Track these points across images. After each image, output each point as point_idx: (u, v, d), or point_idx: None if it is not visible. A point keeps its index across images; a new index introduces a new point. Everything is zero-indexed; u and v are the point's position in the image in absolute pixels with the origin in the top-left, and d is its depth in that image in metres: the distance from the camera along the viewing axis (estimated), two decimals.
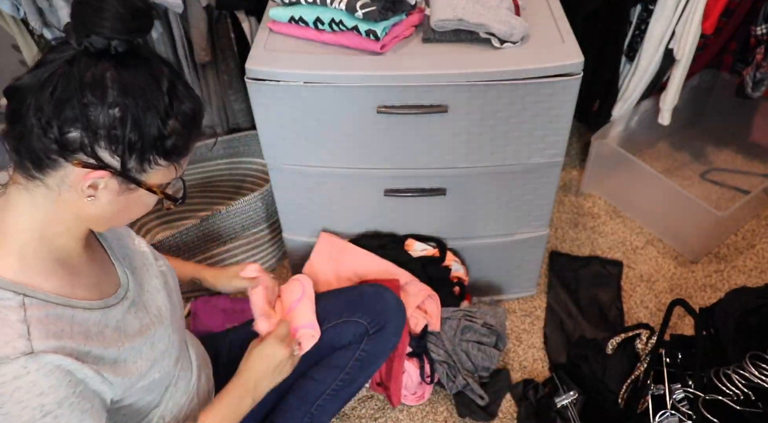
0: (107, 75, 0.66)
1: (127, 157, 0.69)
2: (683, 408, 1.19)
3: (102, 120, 0.66)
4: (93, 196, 0.71)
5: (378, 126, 1.24)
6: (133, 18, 0.66)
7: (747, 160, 2.05)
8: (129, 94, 0.67)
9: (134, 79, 0.67)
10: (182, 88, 0.72)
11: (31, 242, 0.71)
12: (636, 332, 1.37)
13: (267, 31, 1.27)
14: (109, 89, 0.66)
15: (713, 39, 1.69)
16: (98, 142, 0.67)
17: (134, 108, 0.67)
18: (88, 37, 0.65)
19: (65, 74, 0.65)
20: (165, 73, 0.70)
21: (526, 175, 1.35)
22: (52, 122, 0.65)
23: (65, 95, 0.65)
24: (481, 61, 1.16)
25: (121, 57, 0.67)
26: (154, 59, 0.71)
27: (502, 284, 1.64)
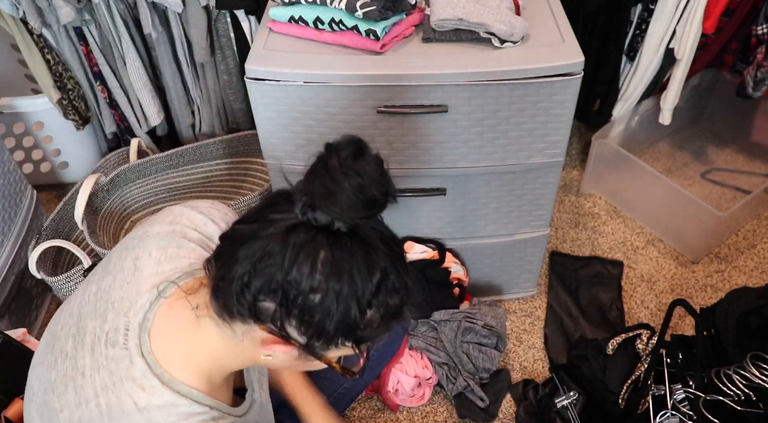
0: (320, 255, 0.61)
1: (314, 340, 0.66)
2: (684, 408, 1.18)
3: (300, 301, 0.62)
4: (270, 356, 0.70)
5: (378, 126, 1.23)
6: (366, 207, 0.61)
7: (748, 160, 2.05)
8: (336, 280, 0.62)
9: (347, 264, 0.62)
10: (395, 278, 0.66)
11: (213, 363, 0.72)
12: (636, 332, 1.37)
13: (267, 30, 1.27)
14: (317, 273, 0.61)
15: (714, 39, 1.68)
16: (290, 320, 0.64)
17: (335, 296, 0.62)
18: (313, 210, 0.61)
19: (281, 242, 0.62)
20: (381, 260, 0.64)
21: (527, 175, 1.34)
22: (251, 286, 0.63)
23: (272, 264, 0.62)
24: (481, 60, 1.16)
25: (341, 236, 0.63)
26: (374, 241, 0.65)
27: (502, 284, 1.64)
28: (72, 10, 1.54)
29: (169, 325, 0.72)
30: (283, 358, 0.71)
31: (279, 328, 0.65)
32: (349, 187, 0.60)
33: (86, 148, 1.96)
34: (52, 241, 1.50)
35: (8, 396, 1.07)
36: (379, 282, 0.64)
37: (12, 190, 1.54)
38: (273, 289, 0.62)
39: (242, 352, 0.72)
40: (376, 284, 0.64)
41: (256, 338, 0.68)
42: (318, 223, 0.62)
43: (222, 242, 0.68)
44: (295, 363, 0.72)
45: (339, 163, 0.61)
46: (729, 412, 1.14)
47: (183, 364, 0.71)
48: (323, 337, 0.65)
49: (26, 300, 1.58)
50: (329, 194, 0.60)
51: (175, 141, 2.00)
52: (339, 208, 0.60)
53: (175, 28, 1.70)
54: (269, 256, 0.62)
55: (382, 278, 0.64)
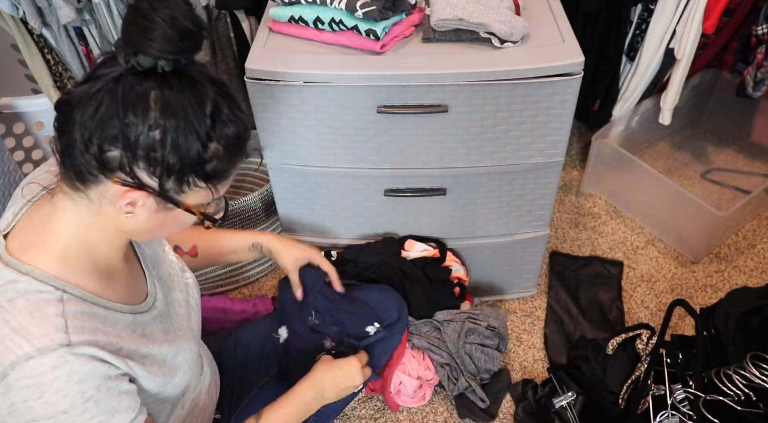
0: (151, 95, 0.65)
1: (165, 179, 0.69)
2: (684, 408, 1.19)
3: (142, 141, 0.65)
4: (131, 212, 0.71)
5: (378, 126, 1.23)
6: (182, 39, 0.64)
7: (748, 160, 2.05)
8: (170, 115, 0.66)
9: (177, 100, 0.66)
10: (228, 110, 0.70)
11: (73, 245, 0.73)
12: (636, 332, 1.37)
13: (267, 30, 1.27)
14: (151, 110, 0.65)
15: (714, 38, 1.68)
16: (137, 162, 0.67)
17: (174, 130, 0.66)
18: (135, 55, 0.64)
19: (110, 92, 0.65)
20: (210, 94, 0.69)
21: (527, 175, 1.34)
22: (93, 139, 0.66)
23: (108, 113, 0.65)
24: (481, 60, 1.16)
25: (167, 76, 0.66)
26: (201, 79, 0.69)
27: (502, 284, 1.64)
28: (72, 10, 1.54)
29: (30, 220, 0.75)
30: (144, 215, 0.72)
31: (130, 174, 0.67)
32: (161, 21, 0.63)
33: None
34: None
35: None
36: (212, 113, 0.68)
37: (12, 190, 1.54)
38: (113, 135, 0.65)
39: (104, 220, 0.73)
40: (210, 115, 0.68)
41: (112, 197, 0.70)
42: (143, 67, 0.65)
43: (59, 111, 0.69)
44: (157, 219, 0.74)
45: (148, 3, 0.63)
46: (729, 412, 1.14)
47: (34, 249, 0.72)
48: (173, 175, 0.68)
49: None
50: (144, 33, 0.63)
51: None
52: (157, 43, 0.63)
53: None
54: (104, 106, 0.65)
55: (215, 110, 0.68)
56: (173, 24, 0.63)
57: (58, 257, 0.72)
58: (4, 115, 1.79)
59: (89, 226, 0.73)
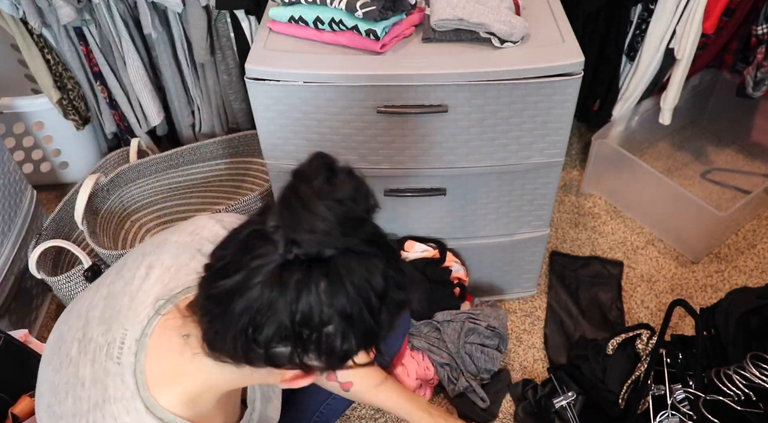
0: (321, 287, 0.57)
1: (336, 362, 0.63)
2: (684, 408, 1.19)
3: (315, 337, 0.59)
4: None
5: (378, 126, 1.23)
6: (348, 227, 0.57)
7: (748, 160, 2.05)
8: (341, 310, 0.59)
9: (345, 289, 0.58)
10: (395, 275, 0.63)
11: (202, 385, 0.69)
12: (636, 332, 1.37)
13: (267, 30, 1.27)
14: (323, 306, 0.58)
15: (714, 39, 1.68)
16: (308, 355, 0.61)
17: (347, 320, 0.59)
18: (299, 246, 0.57)
19: (276, 287, 0.57)
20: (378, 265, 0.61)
21: (527, 175, 1.34)
22: (259, 340, 0.59)
23: (275, 312, 0.58)
24: (481, 60, 1.16)
25: (334, 259, 0.58)
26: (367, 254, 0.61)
27: (502, 284, 1.64)
28: (72, 10, 1.55)
29: (162, 345, 0.69)
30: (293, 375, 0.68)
31: (299, 364, 0.62)
32: (332, 217, 0.56)
33: (86, 148, 1.96)
34: (52, 241, 1.50)
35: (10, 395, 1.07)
36: (384, 287, 0.61)
37: (12, 190, 1.54)
38: (284, 335, 0.59)
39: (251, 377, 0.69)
40: (382, 290, 0.61)
41: (273, 372, 0.65)
42: (307, 256, 0.58)
43: (206, 301, 0.62)
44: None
45: (313, 191, 0.56)
46: (729, 412, 1.14)
47: (169, 388, 0.68)
48: (348, 357, 0.63)
49: (26, 300, 1.58)
50: (311, 229, 0.56)
51: (175, 141, 2.00)
52: (326, 238, 0.56)
53: (175, 28, 1.70)
54: (269, 305, 0.58)
55: (386, 282, 0.61)
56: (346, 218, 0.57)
57: (190, 401, 0.69)
58: (4, 115, 1.79)
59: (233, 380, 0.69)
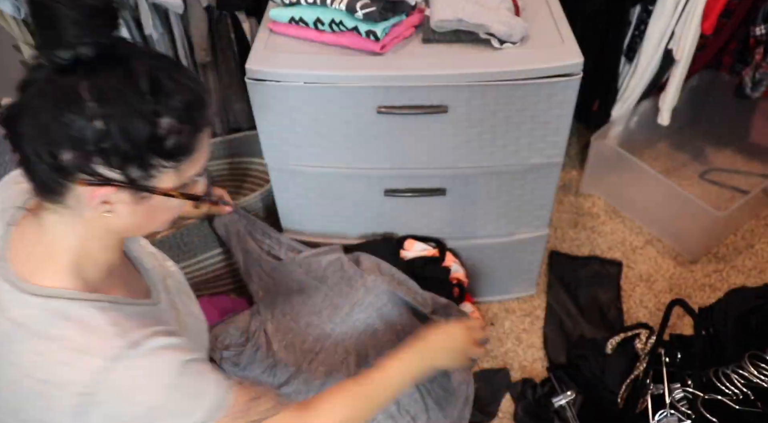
0: (81, 86, 0.61)
1: (126, 168, 0.65)
2: (682, 407, 1.19)
3: (87, 135, 0.62)
4: (110, 211, 0.69)
5: (378, 126, 1.24)
6: (91, 18, 0.61)
7: (746, 161, 2.06)
8: (107, 102, 0.62)
9: (110, 83, 0.62)
10: (169, 80, 0.66)
11: (78, 257, 0.72)
12: (635, 332, 1.38)
13: (267, 31, 1.27)
14: (86, 102, 0.61)
15: (712, 39, 1.69)
16: (91, 158, 0.64)
17: (117, 116, 0.62)
18: (52, 51, 0.61)
19: (42, 95, 0.62)
20: (144, 68, 0.64)
21: (526, 175, 1.35)
22: (42, 148, 0.63)
23: (46, 118, 0.62)
24: (480, 61, 1.17)
25: (94, 63, 0.62)
26: (132, 56, 0.65)
27: (502, 284, 1.64)
28: None
29: (23, 242, 0.72)
30: (125, 211, 0.69)
31: (90, 173, 0.64)
32: (62, 7, 0.59)
33: None
34: None
35: None
36: (151, 88, 0.64)
37: None
38: (58, 138, 0.62)
39: (92, 226, 0.71)
40: (148, 91, 0.63)
41: (86, 200, 0.67)
42: (65, 60, 0.61)
43: (6, 128, 0.66)
44: (139, 211, 0.71)
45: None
46: (727, 411, 1.14)
47: (45, 271, 0.70)
48: (132, 162, 0.65)
49: None
50: (51, 26, 0.60)
51: None
52: (67, 33, 0.60)
53: (176, 29, 1.70)
54: (41, 112, 0.62)
55: (153, 84, 0.64)
56: (75, 5, 0.60)
57: (72, 272, 0.71)
58: None
59: (82, 235, 0.71)
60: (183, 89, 0.67)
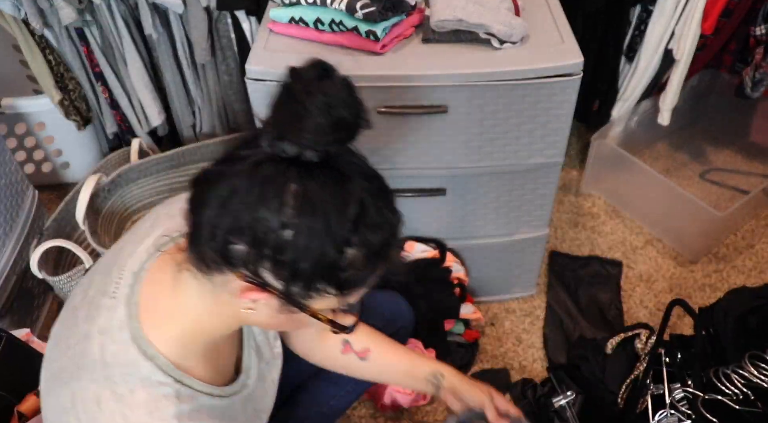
0: (289, 188, 0.57)
1: (291, 283, 0.61)
2: (682, 408, 1.19)
3: (271, 240, 0.57)
4: (252, 308, 0.65)
5: (378, 126, 1.24)
6: (335, 130, 0.57)
7: (746, 160, 2.06)
8: (307, 215, 0.57)
9: (318, 196, 0.57)
10: (376, 212, 0.61)
11: (191, 327, 0.69)
12: (635, 332, 1.38)
13: (267, 31, 1.27)
14: (286, 207, 0.56)
15: (712, 39, 1.69)
16: (262, 261, 0.59)
17: (309, 232, 0.57)
18: (280, 140, 0.57)
19: (247, 177, 0.58)
20: (357, 192, 0.59)
21: (526, 175, 1.35)
22: (219, 229, 0.59)
23: (239, 202, 0.58)
24: (481, 61, 1.17)
25: (312, 168, 0.58)
26: (351, 173, 0.60)
27: (502, 284, 1.64)
28: (73, 11, 1.55)
29: (158, 279, 0.70)
30: (265, 313, 0.66)
31: (253, 273, 0.60)
32: (316, 109, 0.56)
33: (87, 149, 1.96)
34: (54, 241, 1.51)
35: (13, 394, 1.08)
36: (356, 216, 0.59)
37: (14, 190, 1.55)
38: (241, 228, 0.58)
39: (222, 307, 0.68)
40: (353, 219, 0.59)
41: (233, 290, 0.63)
42: (287, 154, 0.57)
43: (193, 188, 0.63)
44: (279, 318, 0.67)
45: (303, 86, 0.57)
46: (727, 411, 1.14)
47: (161, 324, 0.68)
48: (300, 280, 0.60)
49: (28, 300, 1.59)
50: (294, 119, 0.56)
51: (175, 141, 2.00)
52: (306, 134, 0.56)
53: (175, 28, 1.70)
54: (236, 193, 0.58)
55: (360, 212, 0.59)
56: (328, 113, 0.56)
57: (178, 341, 0.68)
58: (6, 115, 1.80)
59: (210, 311, 0.68)
60: (384, 226, 0.63)
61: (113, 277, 0.71)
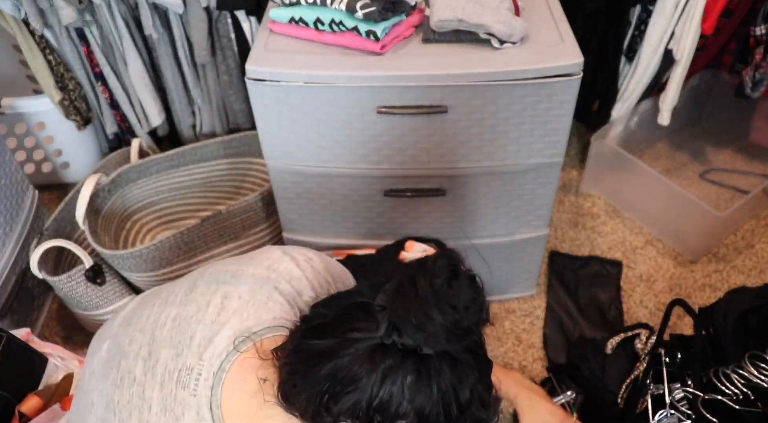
0: (407, 381, 0.57)
1: None
2: (682, 407, 1.19)
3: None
4: None
5: (378, 126, 1.24)
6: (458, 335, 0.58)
7: (746, 160, 2.06)
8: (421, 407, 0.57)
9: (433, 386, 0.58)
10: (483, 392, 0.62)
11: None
12: (635, 332, 1.38)
13: (267, 31, 1.28)
14: (405, 400, 0.57)
15: (712, 39, 1.69)
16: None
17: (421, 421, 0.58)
18: (399, 335, 0.57)
19: (367, 366, 0.58)
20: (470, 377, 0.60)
21: (526, 175, 1.35)
22: (333, 409, 0.59)
23: (357, 388, 0.58)
24: (481, 61, 1.17)
25: (429, 358, 0.58)
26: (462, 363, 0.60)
27: (501, 284, 1.64)
28: (73, 11, 1.55)
29: (238, 384, 0.68)
30: None
31: None
32: (442, 321, 0.56)
33: (87, 149, 1.96)
34: (54, 241, 1.51)
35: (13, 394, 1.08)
36: (468, 400, 0.60)
37: (14, 190, 1.55)
38: (357, 414, 0.58)
39: None
40: (465, 402, 0.60)
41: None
42: (405, 347, 0.58)
43: (293, 353, 0.63)
44: None
45: (431, 289, 0.57)
46: (727, 411, 1.14)
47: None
48: None
49: (28, 300, 1.59)
50: (418, 325, 0.56)
51: (175, 141, 2.00)
52: (429, 338, 0.57)
53: (175, 28, 1.70)
54: (354, 380, 0.58)
55: (472, 395, 0.60)
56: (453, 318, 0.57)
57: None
58: (6, 115, 1.80)
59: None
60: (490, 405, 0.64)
61: (188, 363, 0.69)
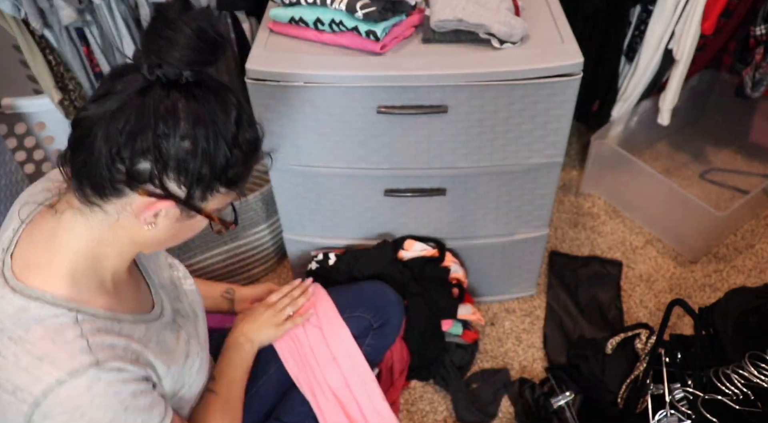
0: (179, 106, 0.66)
1: (193, 188, 0.70)
2: (682, 407, 1.19)
3: (173, 152, 0.66)
4: (153, 223, 0.72)
5: (378, 126, 1.24)
6: (207, 49, 0.65)
7: (746, 160, 2.06)
8: (201, 125, 0.67)
9: (204, 109, 0.67)
10: (247, 116, 0.72)
11: (81, 262, 0.73)
12: (635, 332, 1.38)
13: (267, 31, 1.28)
14: (181, 121, 0.66)
15: (712, 39, 1.69)
16: (167, 173, 0.68)
17: (205, 139, 0.67)
18: (160, 67, 0.65)
19: (138, 105, 0.65)
20: (233, 102, 0.70)
21: (526, 175, 1.35)
22: (124, 153, 0.66)
23: (138, 127, 0.65)
24: (480, 61, 1.17)
25: (191, 87, 0.67)
26: (221, 88, 0.70)
27: (501, 284, 1.64)
28: (73, 11, 1.55)
29: (31, 240, 0.74)
30: (164, 225, 0.73)
31: (159, 185, 0.68)
32: (191, 32, 0.63)
33: None
34: None
35: None
36: (237, 119, 0.70)
37: (14, 190, 1.55)
38: (145, 148, 0.65)
39: (118, 234, 0.73)
40: (235, 121, 0.70)
41: (136, 209, 0.70)
42: (167, 78, 0.66)
43: (75, 129, 0.68)
44: (175, 228, 0.75)
45: (175, 15, 0.63)
46: (727, 411, 1.14)
47: (41, 271, 0.71)
48: (201, 183, 0.70)
49: None
50: (168, 42, 0.63)
51: None
52: (182, 54, 0.64)
53: None
54: (132, 120, 0.65)
55: (239, 115, 0.70)
56: (200, 36, 0.64)
57: (66, 277, 0.72)
58: (6, 115, 1.80)
59: (101, 240, 0.73)
60: (254, 125, 0.74)
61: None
